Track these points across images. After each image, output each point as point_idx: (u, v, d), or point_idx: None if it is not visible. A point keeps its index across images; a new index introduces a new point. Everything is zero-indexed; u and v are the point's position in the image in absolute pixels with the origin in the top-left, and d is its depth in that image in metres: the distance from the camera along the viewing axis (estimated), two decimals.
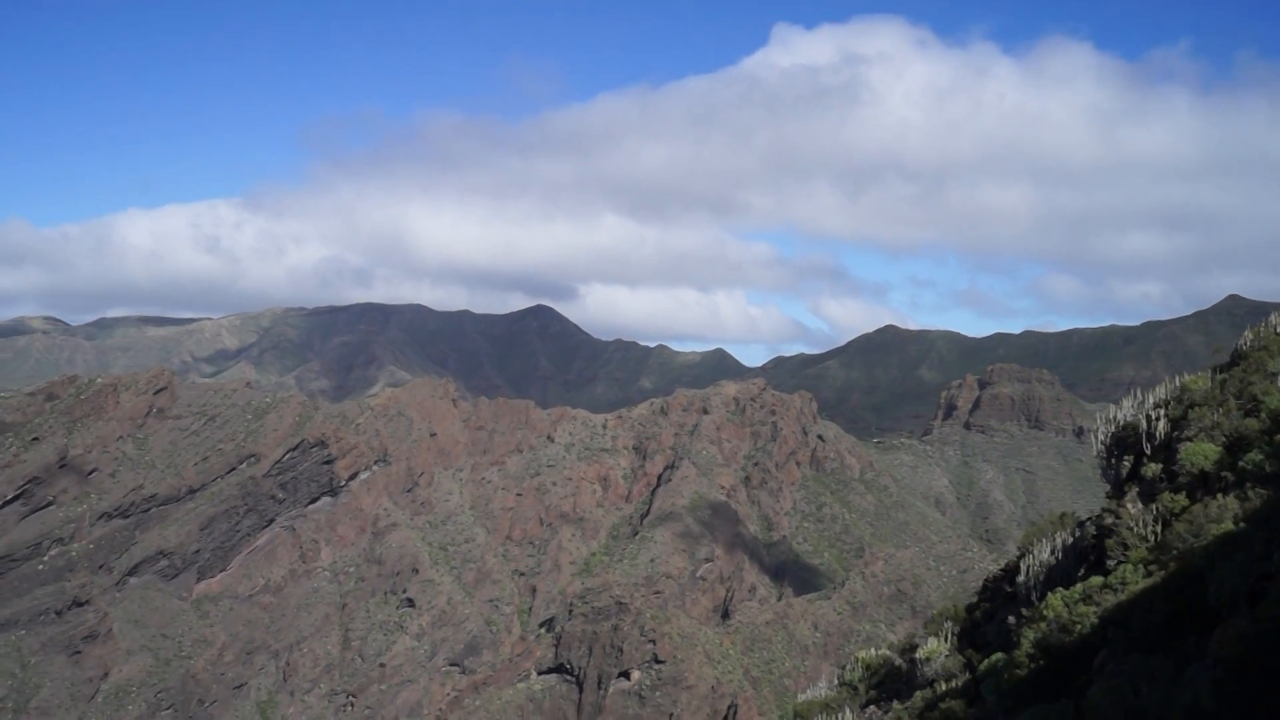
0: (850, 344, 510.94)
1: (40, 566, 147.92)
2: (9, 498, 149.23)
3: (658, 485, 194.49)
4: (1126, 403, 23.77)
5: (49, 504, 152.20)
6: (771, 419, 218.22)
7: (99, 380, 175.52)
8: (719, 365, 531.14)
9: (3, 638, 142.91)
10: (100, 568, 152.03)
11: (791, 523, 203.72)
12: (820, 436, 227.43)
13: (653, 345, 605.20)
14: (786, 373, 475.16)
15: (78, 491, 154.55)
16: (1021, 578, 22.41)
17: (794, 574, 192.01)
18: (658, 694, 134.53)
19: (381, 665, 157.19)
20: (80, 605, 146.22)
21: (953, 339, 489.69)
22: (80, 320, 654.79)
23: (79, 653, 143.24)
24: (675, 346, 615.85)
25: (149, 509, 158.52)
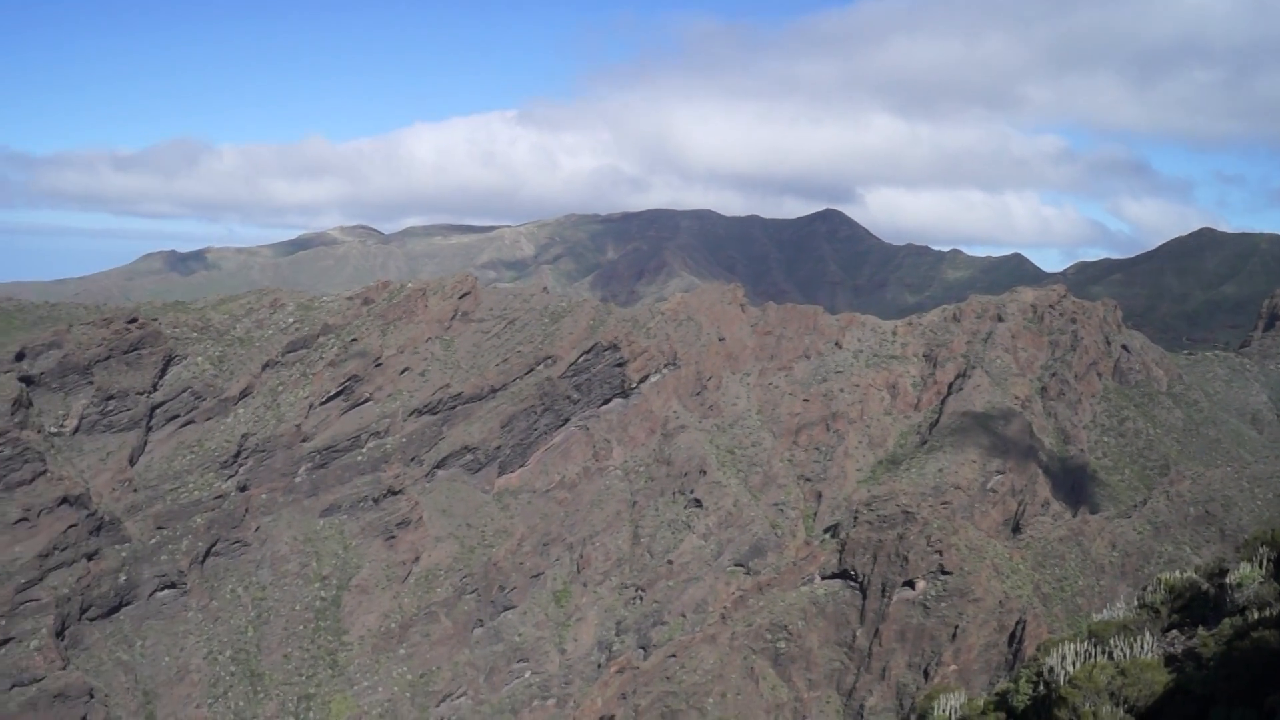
0: (1161, 248, 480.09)
1: (359, 457, 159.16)
2: (332, 394, 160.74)
3: (948, 394, 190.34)
4: None
5: (366, 400, 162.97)
6: (1071, 327, 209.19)
7: (409, 285, 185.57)
8: (1015, 270, 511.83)
9: (328, 521, 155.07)
10: (411, 460, 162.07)
11: (1090, 436, 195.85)
12: (1124, 346, 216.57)
13: (945, 250, 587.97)
14: (1088, 278, 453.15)
15: (391, 389, 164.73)
16: None
17: (1090, 490, 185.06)
18: (943, 605, 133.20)
19: (669, 562, 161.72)
20: (394, 494, 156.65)
21: (1277, 242, 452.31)
22: (384, 229, 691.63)
23: (393, 537, 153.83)
24: (969, 251, 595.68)
25: (455, 406, 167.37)
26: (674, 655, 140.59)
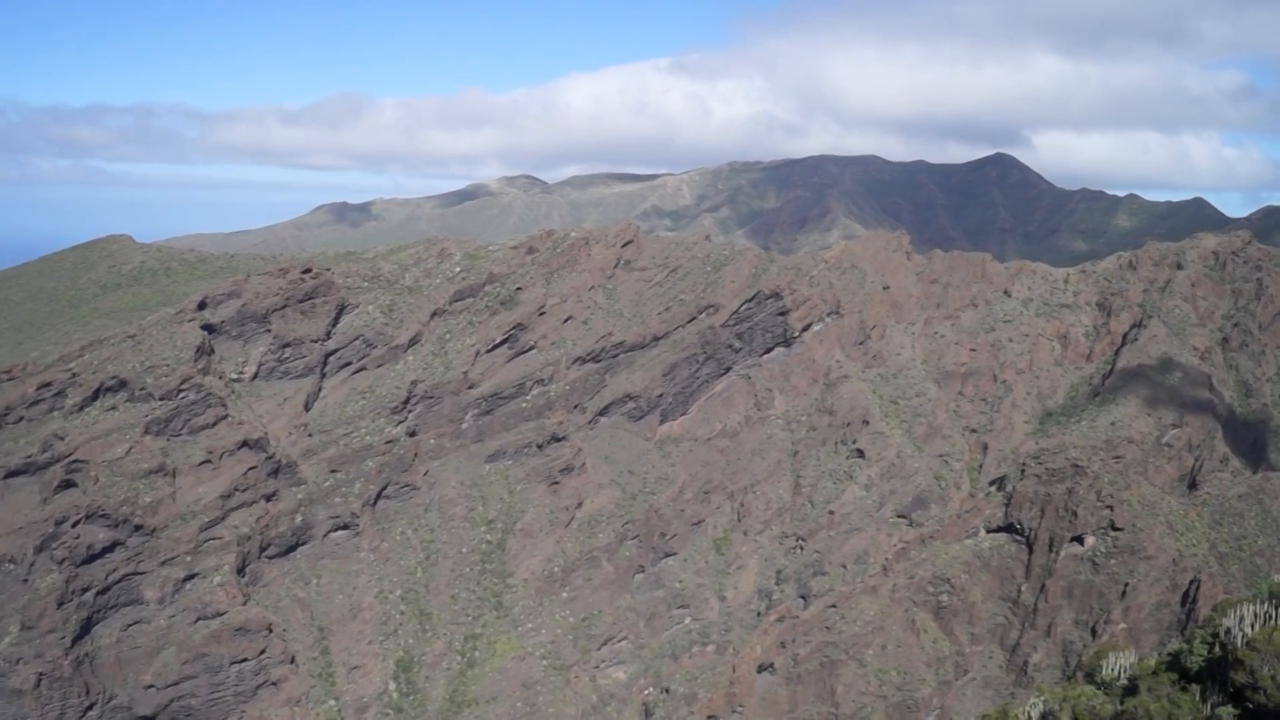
0: None
1: (524, 404, 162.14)
2: (497, 342, 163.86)
3: (1122, 345, 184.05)
4: None
5: (531, 348, 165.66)
6: (1256, 275, 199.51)
7: (572, 235, 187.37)
8: (1196, 215, 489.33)
9: (494, 466, 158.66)
10: (575, 407, 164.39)
11: (1274, 390, 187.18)
12: None
13: (1121, 194, 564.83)
14: (1276, 223, 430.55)
15: (555, 337, 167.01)
16: None
17: (1273, 446, 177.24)
18: (1112, 562, 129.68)
19: (830, 512, 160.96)
20: (558, 440, 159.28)
21: None
22: (543, 179, 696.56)
23: (556, 483, 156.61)
24: (1146, 195, 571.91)
25: (617, 355, 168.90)
26: (834, 605, 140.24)
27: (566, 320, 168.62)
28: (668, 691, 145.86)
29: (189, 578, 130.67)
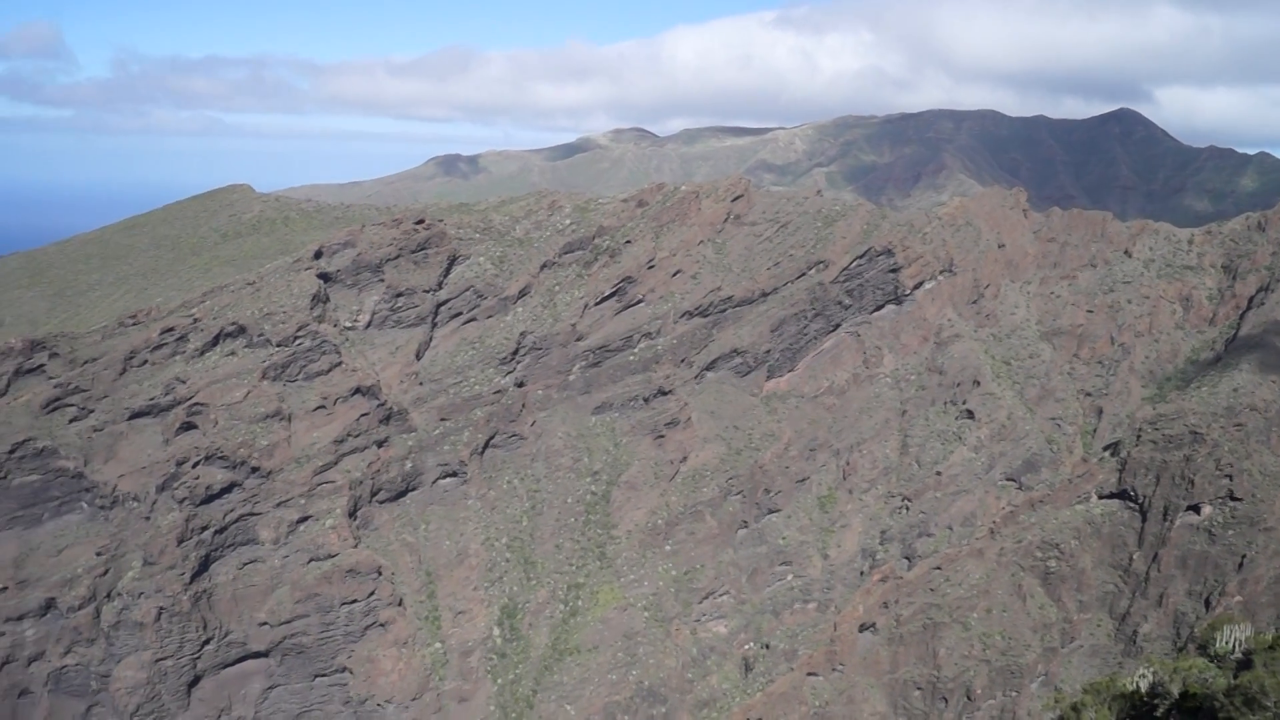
0: None
1: (631, 357, 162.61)
2: (606, 294, 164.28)
3: (1248, 308, 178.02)
4: None
5: (639, 301, 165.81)
6: None
7: (683, 188, 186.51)
8: None
9: (600, 418, 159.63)
10: (681, 361, 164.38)
11: None
12: None
13: (1252, 152, 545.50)
14: None
15: (664, 291, 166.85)
16: None
17: None
18: (1230, 532, 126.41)
19: (938, 473, 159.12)
20: (664, 394, 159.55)
21: None
22: (660, 132, 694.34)
23: (662, 436, 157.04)
24: (1278, 154, 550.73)
25: (725, 309, 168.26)
26: (939, 568, 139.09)
27: (675, 274, 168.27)
28: (768, 647, 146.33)
29: (302, 520, 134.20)
